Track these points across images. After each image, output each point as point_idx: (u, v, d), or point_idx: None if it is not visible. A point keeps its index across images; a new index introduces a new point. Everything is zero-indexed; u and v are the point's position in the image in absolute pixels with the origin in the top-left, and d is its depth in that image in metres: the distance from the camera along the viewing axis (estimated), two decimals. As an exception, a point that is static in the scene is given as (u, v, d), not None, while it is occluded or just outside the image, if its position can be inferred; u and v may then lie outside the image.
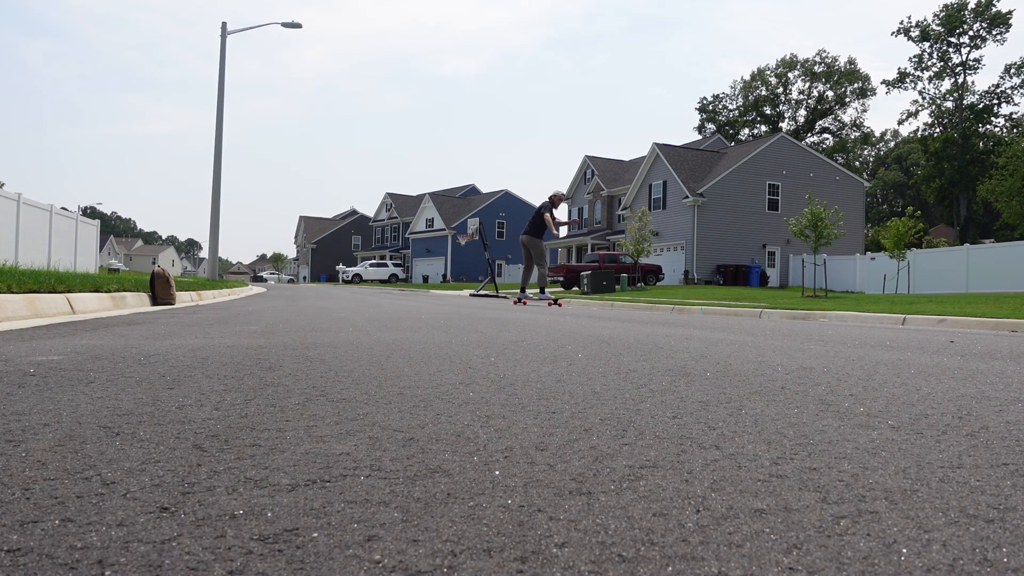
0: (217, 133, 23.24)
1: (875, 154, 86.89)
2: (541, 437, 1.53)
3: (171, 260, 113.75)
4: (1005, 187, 42.82)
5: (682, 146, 42.85)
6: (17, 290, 5.87)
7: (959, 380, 2.65)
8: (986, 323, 7.33)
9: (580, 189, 51.19)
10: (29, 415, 1.67)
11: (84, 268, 20.23)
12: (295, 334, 4.39)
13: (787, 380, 2.56)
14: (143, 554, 0.86)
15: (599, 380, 2.47)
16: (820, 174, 38.30)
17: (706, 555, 0.88)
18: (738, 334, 5.31)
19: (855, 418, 1.82)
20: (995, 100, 55.28)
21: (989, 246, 27.71)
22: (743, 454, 1.41)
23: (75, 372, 2.42)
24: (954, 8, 54.15)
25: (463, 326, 5.53)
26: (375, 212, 74.43)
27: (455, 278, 56.97)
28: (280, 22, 23.59)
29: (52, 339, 3.68)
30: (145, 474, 1.20)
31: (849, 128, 70.56)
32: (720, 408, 1.94)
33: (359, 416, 1.74)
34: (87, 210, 73.62)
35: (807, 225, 22.33)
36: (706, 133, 67.13)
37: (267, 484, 1.15)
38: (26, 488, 1.11)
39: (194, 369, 2.58)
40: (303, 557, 0.86)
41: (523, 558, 0.86)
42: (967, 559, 0.88)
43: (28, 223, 17.02)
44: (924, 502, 1.11)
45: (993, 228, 59.53)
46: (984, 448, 1.50)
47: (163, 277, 9.09)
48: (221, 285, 18.28)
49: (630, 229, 28.73)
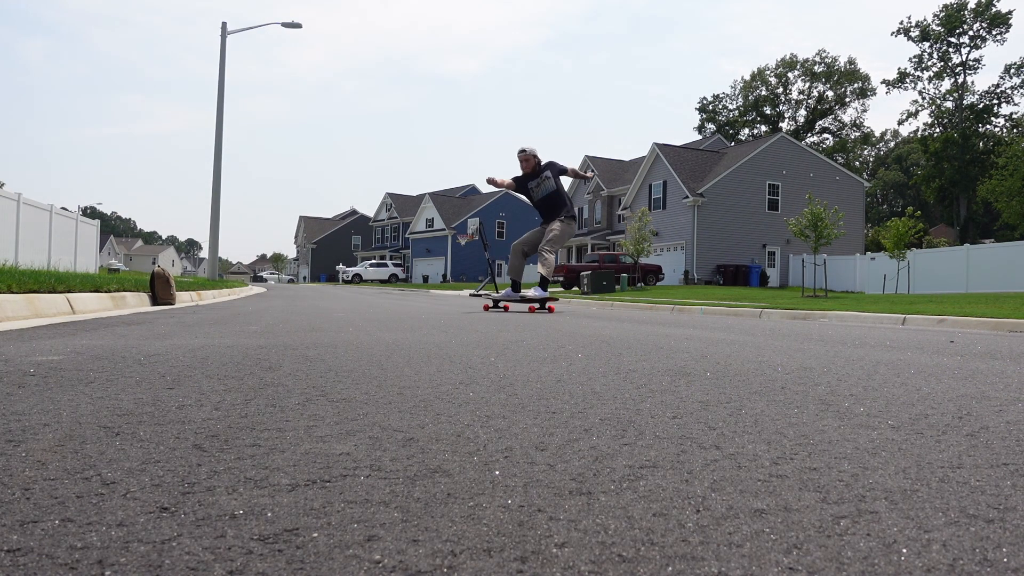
0: (217, 133, 23.24)
1: (875, 154, 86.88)
2: (541, 437, 1.53)
3: (171, 260, 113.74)
4: (1005, 187, 42.81)
5: (682, 146, 42.84)
6: (17, 290, 5.87)
7: (959, 380, 2.65)
8: (986, 323, 7.33)
9: (580, 189, 51.14)
10: (29, 415, 1.67)
11: (84, 268, 20.23)
12: (295, 334, 4.39)
13: (787, 380, 2.56)
14: (143, 554, 0.86)
15: (599, 380, 2.47)
16: (820, 174, 38.30)
17: (706, 555, 0.88)
18: (738, 334, 5.31)
19: (855, 418, 1.82)
20: (995, 100, 55.27)
21: (989, 246, 27.71)
22: (743, 454, 1.41)
23: (75, 372, 2.42)
24: (954, 8, 54.14)
25: (463, 326, 5.53)
26: (375, 212, 74.43)
27: (455, 278, 56.94)
28: (280, 22, 23.60)
29: (52, 339, 3.68)
30: (145, 474, 1.20)
31: (849, 128, 70.55)
32: (720, 408, 1.94)
33: (359, 416, 1.74)
34: (87, 210, 73.62)
35: (807, 225, 22.34)
36: (706, 133, 67.11)
37: (267, 484, 1.15)
38: (26, 488, 1.11)
39: (194, 369, 2.58)
40: (303, 557, 0.86)
41: (523, 558, 0.86)
42: (967, 559, 0.88)
43: (28, 223, 17.02)
44: (924, 502, 1.11)
45: (993, 228, 59.51)
46: (984, 448, 1.50)
47: (163, 277, 9.08)
48: (221, 285, 18.28)
49: (630, 229, 28.73)
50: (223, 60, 23.22)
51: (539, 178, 9.27)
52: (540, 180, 9.27)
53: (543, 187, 9.29)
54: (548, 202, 9.29)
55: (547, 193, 9.28)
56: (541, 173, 9.27)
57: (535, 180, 9.29)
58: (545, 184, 9.27)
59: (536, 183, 9.29)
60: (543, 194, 9.31)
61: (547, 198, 9.29)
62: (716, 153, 41.16)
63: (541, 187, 9.29)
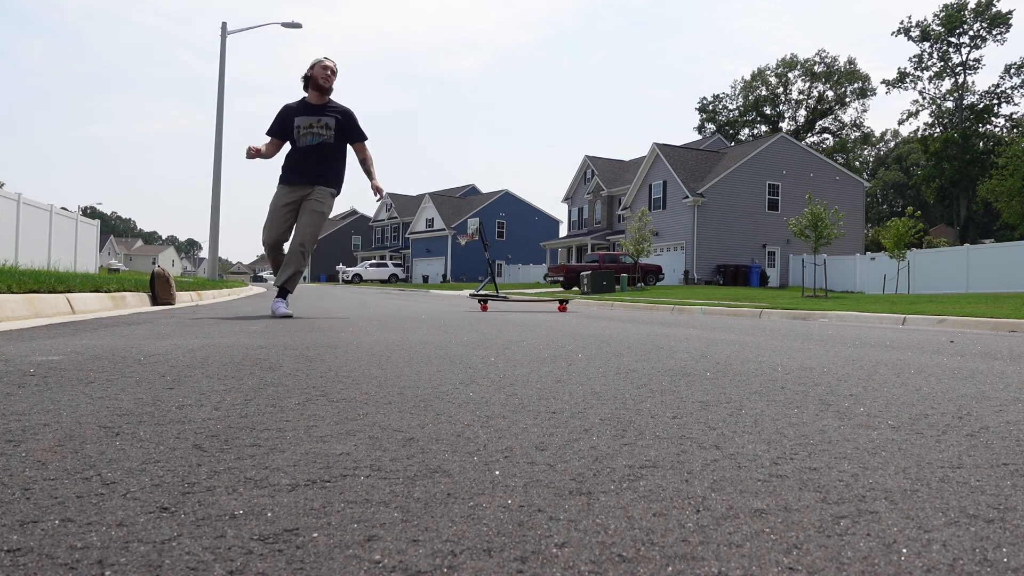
0: (217, 133, 23.23)
1: (875, 154, 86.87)
2: (541, 437, 1.53)
3: (171, 260, 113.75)
4: (1005, 187, 42.82)
5: (682, 146, 42.85)
6: (17, 290, 5.87)
7: (959, 380, 2.65)
8: (986, 323, 7.33)
9: (580, 189, 51.17)
10: (29, 415, 1.67)
11: (84, 268, 20.22)
12: (295, 334, 4.39)
13: (787, 380, 2.56)
14: (143, 554, 0.86)
15: (599, 380, 2.47)
16: (820, 174, 38.31)
17: (706, 555, 0.88)
18: (738, 334, 5.31)
19: (855, 418, 1.82)
20: (995, 100, 55.29)
21: (989, 246, 27.71)
22: (743, 454, 1.41)
23: (75, 372, 2.42)
24: (954, 8, 54.15)
25: (463, 326, 5.53)
26: (375, 212, 74.43)
27: (455, 278, 56.94)
28: (280, 22, 23.59)
29: (52, 339, 3.67)
30: (145, 474, 1.20)
31: (849, 128, 70.55)
32: (720, 408, 1.94)
33: (359, 416, 1.74)
34: (87, 210, 73.62)
35: (807, 225, 22.34)
36: (706, 133, 67.11)
37: (267, 484, 1.15)
38: (26, 488, 1.11)
39: (194, 369, 2.58)
40: (303, 557, 0.86)
41: (523, 558, 0.86)
42: (967, 559, 0.88)
43: (28, 223, 17.03)
44: (924, 502, 1.11)
45: (993, 228, 59.50)
46: (984, 448, 1.50)
47: (163, 277, 9.08)
48: (221, 285, 18.28)
49: (630, 229, 28.74)
50: (223, 60, 23.21)
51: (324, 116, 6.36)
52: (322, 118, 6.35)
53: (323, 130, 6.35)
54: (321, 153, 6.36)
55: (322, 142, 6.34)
56: (329, 110, 6.41)
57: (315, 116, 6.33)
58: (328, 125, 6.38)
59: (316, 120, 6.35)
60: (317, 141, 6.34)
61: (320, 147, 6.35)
62: (716, 153, 41.15)
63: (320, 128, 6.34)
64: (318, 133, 6.34)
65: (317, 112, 6.38)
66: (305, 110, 6.37)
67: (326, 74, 6.37)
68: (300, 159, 6.36)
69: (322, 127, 6.36)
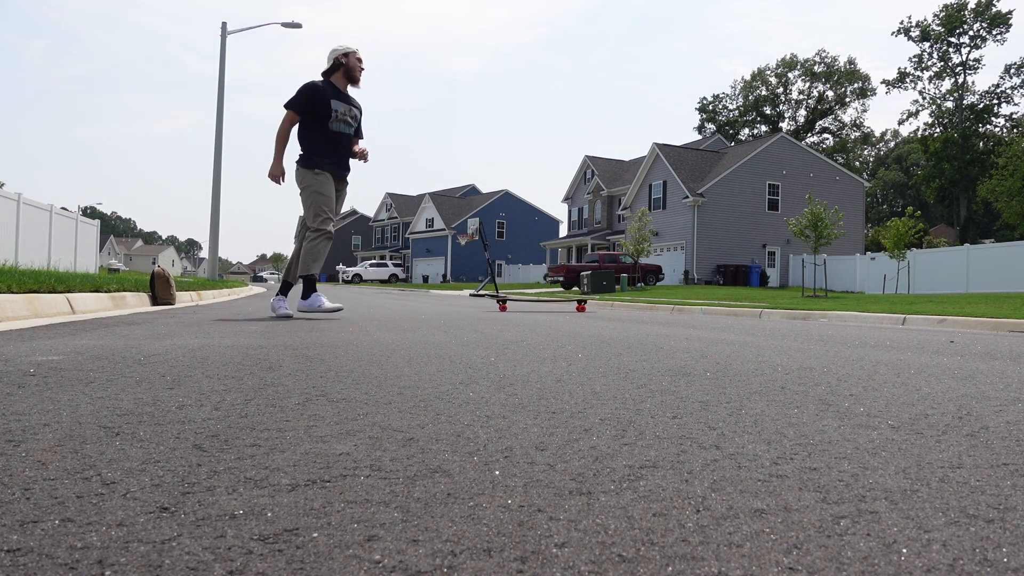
0: (217, 133, 23.24)
1: (875, 154, 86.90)
2: (541, 437, 1.53)
3: (171, 260, 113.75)
4: (1005, 187, 42.83)
5: (682, 146, 42.85)
6: (17, 290, 5.87)
7: (959, 380, 2.65)
8: (986, 323, 7.33)
9: (580, 189, 51.16)
10: (29, 415, 1.67)
11: (84, 268, 20.23)
12: (295, 334, 4.38)
13: (787, 380, 2.56)
14: (143, 554, 0.86)
15: (599, 380, 2.47)
16: (820, 174, 38.31)
17: (706, 555, 0.88)
18: (738, 334, 5.31)
19: (855, 418, 1.82)
20: (995, 100, 55.30)
21: (989, 246, 27.71)
22: (743, 454, 1.41)
23: (75, 372, 2.42)
24: (954, 8, 54.16)
25: (463, 326, 5.53)
26: (375, 212, 74.42)
27: (455, 278, 56.94)
28: (280, 22, 23.60)
29: (52, 339, 3.67)
30: (145, 474, 1.20)
31: (849, 128, 70.56)
32: (720, 408, 1.94)
33: (359, 416, 1.74)
34: (87, 210, 73.64)
35: (807, 225, 22.35)
36: (706, 133, 67.12)
37: (267, 484, 1.15)
38: (26, 488, 1.11)
39: (194, 369, 2.58)
40: (303, 557, 0.86)
41: (523, 558, 0.86)
42: (967, 559, 0.88)
43: (28, 223, 17.03)
44: (924, 502, 1.11)
45: (993, 228, 59.51)
46: (984, 448, 1.50)
47: (163, 277, 9.08)
48: (221, 285, 18.28)
49: (630, 229, 28.74)
50: (223, 60, 23.21)
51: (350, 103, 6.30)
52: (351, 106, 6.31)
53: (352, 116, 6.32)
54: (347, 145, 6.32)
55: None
56: (353, 102, 6.38)
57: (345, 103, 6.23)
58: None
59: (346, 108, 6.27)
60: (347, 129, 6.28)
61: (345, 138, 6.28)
62: (716, 153, 41.15)
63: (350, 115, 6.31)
64: (348, 122, 6.29)
65: (348, 101, 6.31)
66: (338, 95, 6.25)
67: (361, 67, 6.36)
68: (331, 147, 6.23)
69: (351, 118, 6.33)
